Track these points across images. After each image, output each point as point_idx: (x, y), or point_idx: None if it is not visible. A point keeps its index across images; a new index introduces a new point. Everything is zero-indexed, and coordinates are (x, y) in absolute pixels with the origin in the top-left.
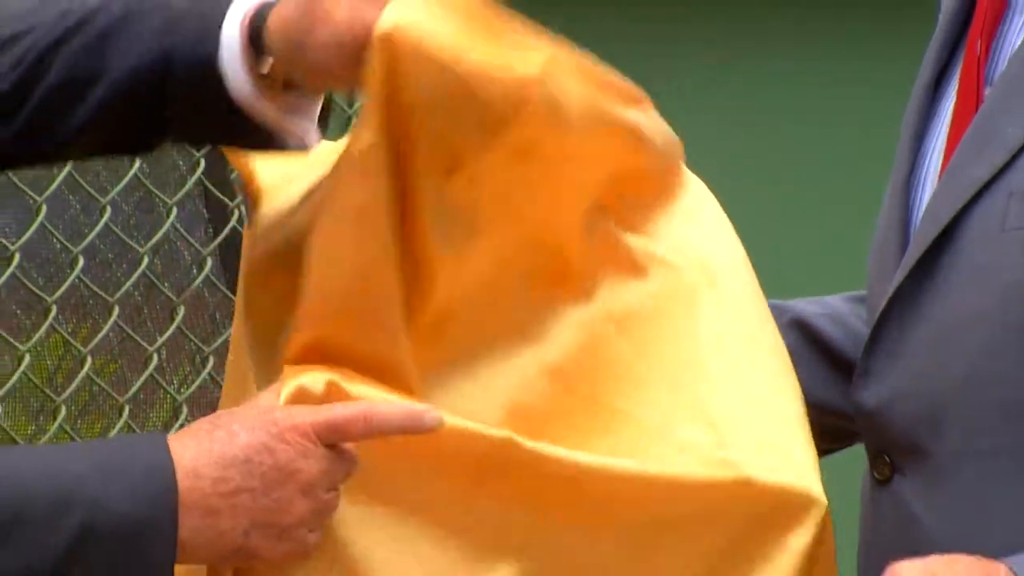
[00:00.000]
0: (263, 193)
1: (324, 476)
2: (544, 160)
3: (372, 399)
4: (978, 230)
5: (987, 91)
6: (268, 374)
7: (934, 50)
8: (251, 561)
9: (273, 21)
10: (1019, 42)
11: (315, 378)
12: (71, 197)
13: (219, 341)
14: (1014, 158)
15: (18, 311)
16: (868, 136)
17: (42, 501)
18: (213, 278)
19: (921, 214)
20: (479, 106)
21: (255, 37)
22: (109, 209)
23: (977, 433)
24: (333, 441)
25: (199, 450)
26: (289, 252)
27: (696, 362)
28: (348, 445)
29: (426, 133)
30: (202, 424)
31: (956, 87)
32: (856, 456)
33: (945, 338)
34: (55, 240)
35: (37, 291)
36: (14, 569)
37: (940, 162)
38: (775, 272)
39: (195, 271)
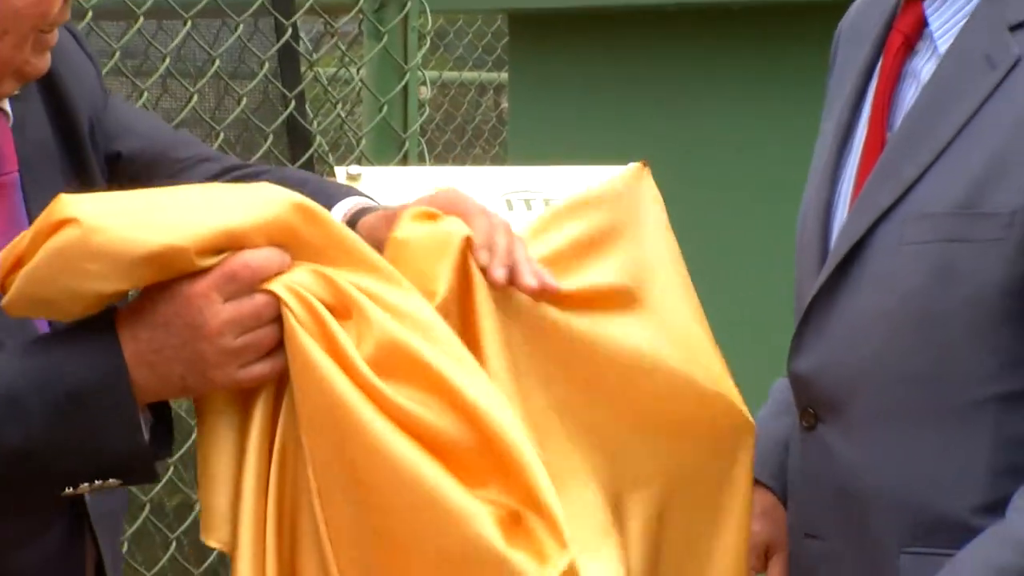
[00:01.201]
0: None
1: (230, 324)
2: None
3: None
4: (881, 245)
5: (889, 135)
6: None
7: (847, 98)
8: (205, 391)
9: (362, 226)
10: (911, 101)
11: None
12: None
13: None
14: (907, 191)
15: None
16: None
17: (28, 382)
18: None
19: (837, 230)
20: None
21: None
22: None
23: (882, 399)
24: (231, 293)
25: (136, 318)
26: None
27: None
28: (255, 292)
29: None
30: (147, 294)
31: (865, 129)
32: None
33: (856, 328)
34: None
35: None
36: (18, 439)
37: (852, 189)
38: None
39: None
